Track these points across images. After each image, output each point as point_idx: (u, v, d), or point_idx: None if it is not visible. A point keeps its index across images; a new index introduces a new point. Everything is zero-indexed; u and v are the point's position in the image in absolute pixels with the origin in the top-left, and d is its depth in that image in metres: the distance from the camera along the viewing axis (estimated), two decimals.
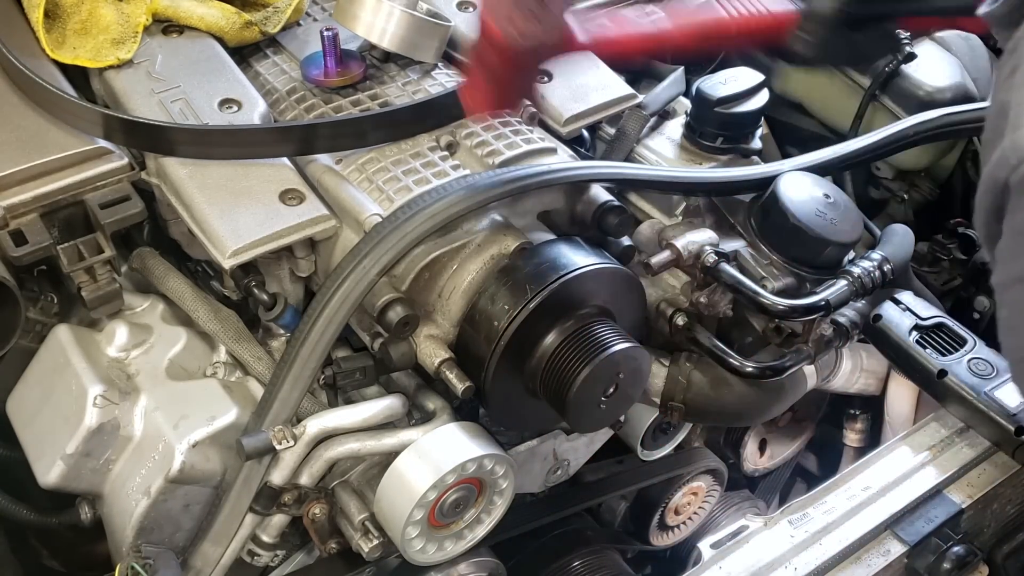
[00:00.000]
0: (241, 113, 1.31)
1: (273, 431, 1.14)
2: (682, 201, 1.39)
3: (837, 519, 1.23)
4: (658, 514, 1.61)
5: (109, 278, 1.24)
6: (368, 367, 1.26)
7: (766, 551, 1.19)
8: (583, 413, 1.22)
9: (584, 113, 1.43)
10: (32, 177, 1.22)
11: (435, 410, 1.26)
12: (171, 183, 1.25)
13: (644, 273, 1.32)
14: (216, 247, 1.18)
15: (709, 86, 1.44)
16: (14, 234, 1.19)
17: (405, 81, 1.40)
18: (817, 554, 1.19)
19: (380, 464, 1.24)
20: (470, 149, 1.33)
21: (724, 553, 1.20)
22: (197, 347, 1.28)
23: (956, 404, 1.29)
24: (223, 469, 1.19)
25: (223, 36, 1.41)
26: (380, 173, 1.28)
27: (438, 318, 1.24)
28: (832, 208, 1.32)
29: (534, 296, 1.18)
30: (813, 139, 1.85)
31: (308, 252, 1.26)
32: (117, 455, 1.20)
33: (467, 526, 1.25)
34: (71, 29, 1.36)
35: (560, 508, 1.49)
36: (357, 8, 1.35)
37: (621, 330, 1.23)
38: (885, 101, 1.74)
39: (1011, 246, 0.93)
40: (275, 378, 1.18)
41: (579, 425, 1.29)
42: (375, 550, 1.22)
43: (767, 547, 1.20)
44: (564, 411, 1.20)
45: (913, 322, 1.34)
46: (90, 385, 1.18)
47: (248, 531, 1.22)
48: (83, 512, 1.25)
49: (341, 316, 1.16)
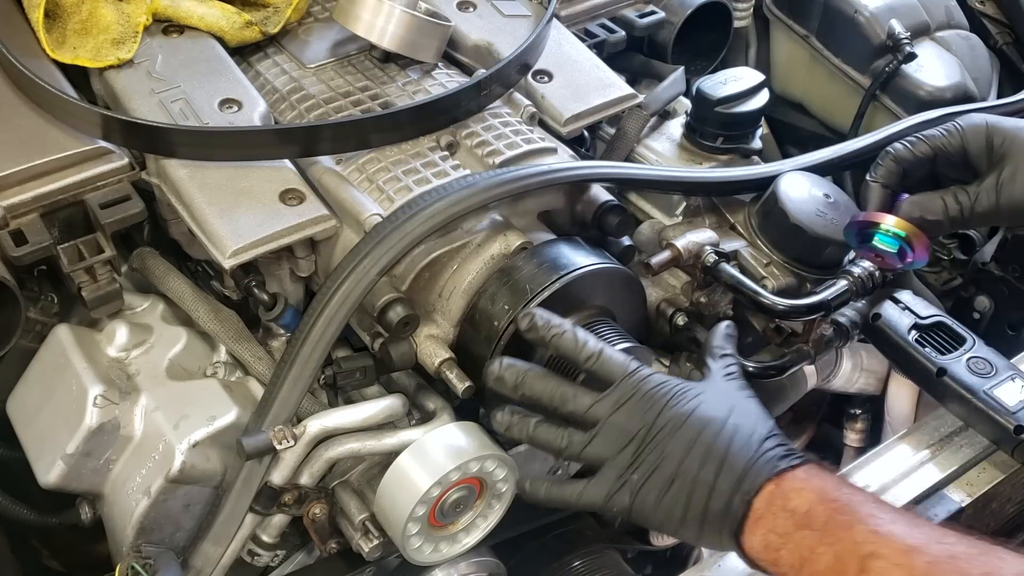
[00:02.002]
0: (241, 113, 1.31)
1: (273, 431, 1.14)
2: (682, 201, 1.39)
3: None
4: None
5: (109, 278, 1.24)
6: (368, 367, 1.26)
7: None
8: None
9: (584, 113, 1.43)
10: (32, 177, 1.22)
11: (435, 410, 1.26)
12: (171, 183, 1.25)
13: (644, 273, 1.32)
14: (216, 247, 1.18)
15: (709, 86, 1.44)
16: (14, 234, 1.19)
17: (405, 81, 1.40)
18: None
19: (380, 464, 1.24)
20: (470, 149, 1.33)
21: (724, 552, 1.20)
22: (197, 347, 1.28)
23: (955, 403, 1.29)
24: (223, 469, 1.20)
25: (223, 36, 1.41)
26: (380, 173, 1.28)
27: (438, 318, 1.24)
28: (832, 208, 1.32)
29: (534, 296, 1.18)
30: (813, 139, 1.85)
31: (308, 252, 1.26)
32: (117, 455, 1.20)
33: (466, 527, 1.25)
34: (71, 29, 1.36)
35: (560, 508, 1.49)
36: (357, 8, 1.36)
37: (621, 330, 1.23)
38: (885, 101, 1.74)
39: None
40: (275, 378, 1.18)
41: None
42: (375, 550, 1.22)
43: None
44: None
45: (912, 321, 1.34)
46: (90, 385, 1.18)
47: (248, 531, 1.22)
48: (83, 512, 1.25)
49: (341, 316, 1.16)
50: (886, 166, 1.13)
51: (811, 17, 1.81)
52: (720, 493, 0.97)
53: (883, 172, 1.13)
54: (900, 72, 1.71)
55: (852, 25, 1.74)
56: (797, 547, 0.92)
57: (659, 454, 0.99)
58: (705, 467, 0.97)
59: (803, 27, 1.83)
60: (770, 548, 0.95)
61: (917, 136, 1.15)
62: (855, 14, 1.74)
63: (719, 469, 0.97)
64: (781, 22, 1.87)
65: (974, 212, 1.06)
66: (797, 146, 1.91)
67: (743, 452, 0.97)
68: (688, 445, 0.98)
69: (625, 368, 1.04)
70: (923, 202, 1.12)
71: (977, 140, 1.11)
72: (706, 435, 0.98)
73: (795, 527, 0.93)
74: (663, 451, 0.99)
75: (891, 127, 1.50)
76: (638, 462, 0.99)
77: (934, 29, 1.79)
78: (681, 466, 0.98)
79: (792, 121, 1.93)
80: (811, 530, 0.92)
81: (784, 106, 1.94)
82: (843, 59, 1.78)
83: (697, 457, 0.98)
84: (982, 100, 1.73)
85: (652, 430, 0.99)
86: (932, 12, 1.79)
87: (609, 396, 1.02)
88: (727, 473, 0.97)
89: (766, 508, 0.95)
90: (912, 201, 1.14)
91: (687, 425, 0.99)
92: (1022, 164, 1.06)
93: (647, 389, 1.02)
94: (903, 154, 1.14)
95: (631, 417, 1.01)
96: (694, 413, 1.00)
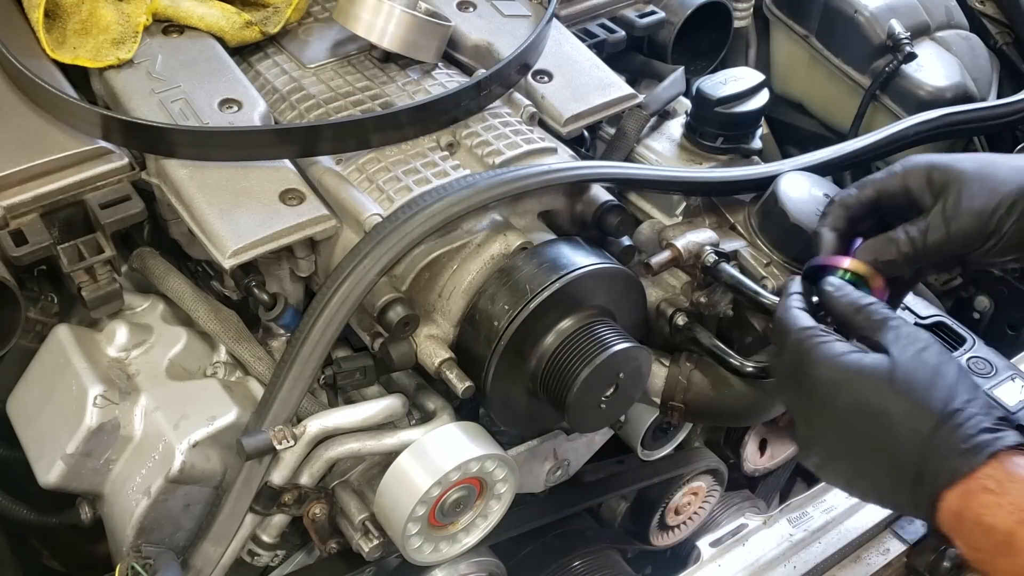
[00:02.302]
0: (241, 113, 1.31)
1: (273, 431, 1.14)
2: (682, 201, 1.39)
3: (837, 517, 1.23)
4: (658, 514, 1.61)
5: (109, 278, 1.24)
6: (368, 367, 1.26)
7: (766, 550, 1.19)
8: (583, 413, 1.22)
9: (584, 113, 1.43)
10: (32, 177, 1.22)
11: (435, 410, 1.26)
12: (171, 183, 1.25)
13: (644, 273, 1.32)
14: (216, 247, 1.18)
15: (709, 86, 1.44)
16: (14, 234, 1.19)
17: (405, 81, 1.40)
18: (817, 552, 1.19)
19: (380, 464, 1.24)
20: (470, 149, 1.33)
21: (724, 551, 1.20)
22: (197, 347, 1.28)
23: None
24: (223, 469, 1.20)
25: (223, 36, 1.41)
26: (380, 173, 1.28)
27: (438, 318, 1.24)
28: None
29: (534, 296, 1.18)
30: (813, 139, 1.85)
31: (308, 252, 1.26)
32: (117, 455, 1.20)
33: (466, 527, 1.25)
34: (71, 29, 1.36)
35: (560, 508, 1.49)
36: (357, 8, 1.36)
37: (621, 330, 1.23)
38: (885, 101, 1.74)
39: None
40: (275, 378, 1.18)
41: (579, 425, 1.29)
42: (375, 550, 1.23)
43: (767, 546, 1.20)
44: (564, 411, 1.20)
45: (912, 321, 1.34)
46: (90, 385, 1.18)
47: (248, 531, 1.22)
48: (83, 512, 1.25)
49: (341, 316, 1.16)
50: (833, 213, 1.16)
51: (811, 17, 1.81)
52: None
53: (831, 219, 1.15)
54: (900, 72, 1.71)
55: (852, 25, 1.75)
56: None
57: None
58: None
59: (803, 27, 1.83)
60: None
61: (860, 182, 1.17)
62: (855, 14, 1.74)
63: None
64: (781, 22, 1.87)
65: (927, 246, 1.08)
66: (797, 146, 1.91)
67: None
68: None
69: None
70: (875, 246, 1.13)
71: (917, 178, 1.12)
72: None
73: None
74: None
75: (891, 127, 1.51)
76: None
77: (934, 29, 1.79)
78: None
79: (792, 121, 1.93)
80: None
81: (784, 106, 1.94)
82: (843, 59, 1.78)
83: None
84: (982, 100, 1.73)
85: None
86: (932, 12, 1.79)
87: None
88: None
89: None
90: (865, 247, 1.15)
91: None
92: (964, 190, 1.07)
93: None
94: (848, 200, 1.16)
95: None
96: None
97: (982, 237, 1.06)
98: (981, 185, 1.06)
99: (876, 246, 1.10)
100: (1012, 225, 1.05)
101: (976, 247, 1.06)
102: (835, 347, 1.00)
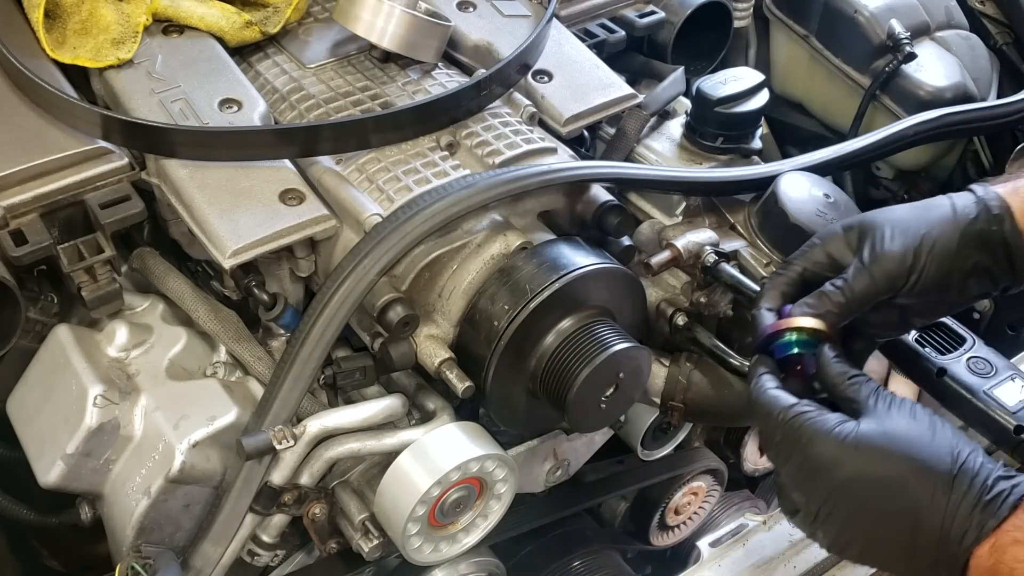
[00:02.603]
0: (241, 113, 1.31)
1: (273, 431, 1.14)
2: (682, 201, 1.39)
3: None
4: (658, 514, 1.61)
5: (109, 278, 1.24)
6: (368, 367, 1.26)
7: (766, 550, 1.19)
8: (583, 413, 1.22)
9: (584, 113, 1.43)
10: (32, 177, 1.22)
11: (435, 410, 1.26)
12: (171, 183, 1.25)
13: (644, 273, 1.32)
14: (216, 247, 1.18)
15: (709, 86, 1.44)
16: (14, 234, 1.19)
17: (405, 81, 1.40)
18: (817, 552, 1.19)
19: (380, 464, 1.24)
20: (470, 149, 1.33)
21: (724, 552, 1.20)
22: (197, 347, 1.28)
23: (955, 403, 1.29)
24: (223, 469, 1.20)
25: (223, 36, 1.41)
26: (380, 173, 1.28)
27: (438, 318, 1.24)
28: (832, 208, 1.32)
29: (534, 296, 1.18)
30: (813, 139, 1.85)
31: (308, 252, 1.26)
32: (117, 455, 1.20)
33: (466, 527, 1.25)
34: (71, 29, 1.36)
35: (560, 508, 1.49)
36: (357, 8, 1.36)
37: (621, 330, 1.23)
38: (885, 101, 1.74)
39: None
40: (275, 378, 1.18)
41: (579, 425, 1.29)
42: (375, 550, 1.23)
43: (767, 546, 1.20)
44: (564, 411, 1.20)
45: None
46: (90, 385, 1.18)
47: (248, 531, 1.22)
48: (83, 512, 1.25)
49: (341, 316, 1.16)
50: (767, 294, 1.16)
51: (811, 17, 1.81)
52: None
53: (768, 299, 1.16)
54: (900, 72, 1.71)
55: (852, 25, 1.74)
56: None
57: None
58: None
59: (803, 27, 1.83)
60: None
61: (783, 263, 1.19)
62: (855, 14, 1.74)
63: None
64: (781, 22, 1.87)
65: (856, 293, 1.09)
66: (797, 146, 1.91)
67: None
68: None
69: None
70: (808, 301, 1.13)
71: (835, 243, 1.14)
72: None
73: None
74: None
75: (891, 127, 1.51)
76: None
77: (934, 29, 1.79)
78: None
79: (792, 121, 1.93)
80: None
81: (784, 106, 1.94)
82: (843, 59, 1.78)
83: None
84: (982, 100, 1.73)
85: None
86: (932, 12, 1.79)
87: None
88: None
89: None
90: (799, 305, 1.14)
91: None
92: (878, 236, 1.10)
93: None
94: (777, 281, 1.16)
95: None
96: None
97: (904, 275, 1.08)
98: (893, 229, 1.10)
99: (809, 302, 1.11)
100: (927, 259, 1.08)
101: (901, 286, 1.09)
102: (828, 421, 1.00)
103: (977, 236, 1.09)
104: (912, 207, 1.14)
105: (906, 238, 1.09)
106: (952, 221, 1.10)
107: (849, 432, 0.98)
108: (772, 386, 1.05)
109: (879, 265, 1.09)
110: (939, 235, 1.09)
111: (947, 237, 1.09)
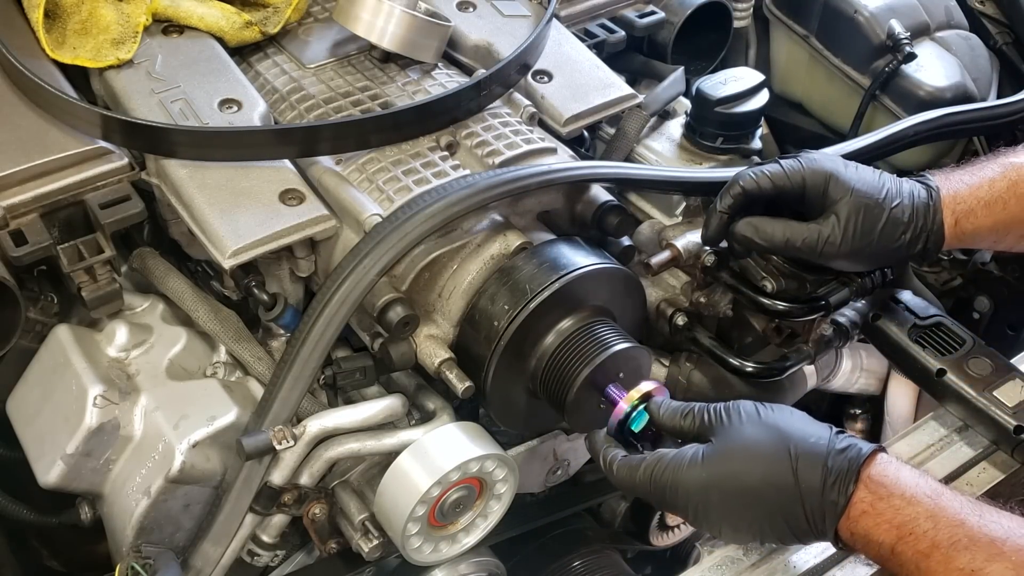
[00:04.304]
0: (241, 113, 1.31)
1: (273, 431, 1.14)
2: (682, 201, 1.39)
3: None
4: (658, 514, 1.61)
5: (109, 278, 1.24)
6: (368, 367, 1.26)
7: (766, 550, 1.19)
8: (583, 413, 1.22)
9: (584, 113, 1.43)
10: (32, 177, 1.22)
11: (435, 410, 1.26)
12: (171, 183, 1.25)
13: (644, 273, 1.32)
14: (216, 247, 1.18)
15: (709, 86, 1.44)
16: (14, 234, 1.19)
17: (405, 81, 1.40)
18: (817, 552, 1.19)
19: (380, 464, 1.24)
20: (470, 149, 1.33)
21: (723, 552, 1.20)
22: (197, 347, 1.28)
23: (955, 403, 1.29)
24: (223, 469, 1.20)
25: (223, 36, 1.41)
26: (380, 173, 1.28)
27: (438, 318, 1.24)
28: None
29: (534, 296, 1.18)
30: (813, 139, 1.85)
31: (308, 252, 1.26)
32: (117, 455, 1.20)
33: (466, 527, 1.25)
34: (71, 29, 1.36)
35: (560, 508, 1.49)
36: (357, 8, 1.36)
37: (621, 330, 1.23)
38: (885, 101, 1.74)
39: None
40: (275, 378, 1.18)
41: (579, 425, 1.29)
42: (375, 550, 1.23)
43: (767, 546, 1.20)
44: (564, 411, 1.20)
45: (912, 321, 1.34)
46: (90, 385, 1.19)
47: (248, 531, 1.22)
48: (83, 512, 1.25)
49: (341, 316, 1.16)
50: (733, 196, 1.21)
51: (811, 17, 1.81)
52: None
53: (729, 202, 1.21)
54: (900, 72, 1.71)
55: (852, 25, 1.74)
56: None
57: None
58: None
59: (803, 27, 1.83)
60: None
61: (763, 169, 1.22)
62: (855, 14, 1.74)
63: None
64: (781, 22, 1.87)
65: (804, 244, 1.19)
66: (797, 146, 1.91)
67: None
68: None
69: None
70: (758, 224, 1.21)
71: (815, 182, 1.20)
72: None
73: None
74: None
75: (891, 127, 1.51)
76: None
77: (934, 29, 1.79)
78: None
79: (792, 121, 1.93)
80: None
81: (784, 106, 1.94)
82: (843, 59, 1.78)
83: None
84: (982, 100, 1.73)
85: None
86: (932, 12, 1.79)
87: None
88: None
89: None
90: (747, 221, 1.21)
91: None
92: (851, 214, 1.18)
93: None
94: (749, 184, 1.21)
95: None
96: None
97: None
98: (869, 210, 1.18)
99: (758, 225, 1.20)
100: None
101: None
102: (680, 454, 1.08)
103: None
104: (871, 186, 1.20)
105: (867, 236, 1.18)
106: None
107: (695, 454, 1.07)
108: (617, 454, 1.13)
109: (848, 241, 1.18)
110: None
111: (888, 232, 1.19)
